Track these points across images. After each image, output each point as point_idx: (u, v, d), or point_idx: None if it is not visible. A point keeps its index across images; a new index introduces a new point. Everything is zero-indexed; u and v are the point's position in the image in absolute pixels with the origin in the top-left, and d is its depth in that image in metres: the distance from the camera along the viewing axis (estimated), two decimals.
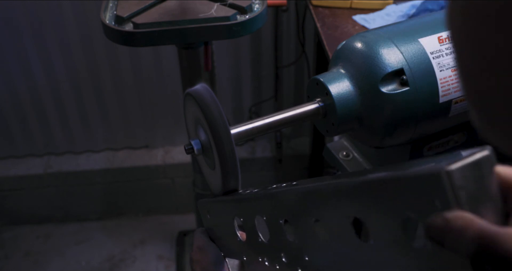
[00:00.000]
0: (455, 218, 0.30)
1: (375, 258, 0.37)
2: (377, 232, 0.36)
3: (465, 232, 0.30)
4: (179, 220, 2.13)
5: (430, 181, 0.30)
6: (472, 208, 0.30)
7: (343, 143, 0.84)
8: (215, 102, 0.53)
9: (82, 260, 2.01)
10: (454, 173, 0.30)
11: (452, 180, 0.30)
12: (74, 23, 1.78)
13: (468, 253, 0.30)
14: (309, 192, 0.43)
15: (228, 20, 1.13)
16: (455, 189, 0.30)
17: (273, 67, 1.91)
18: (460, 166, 0.30)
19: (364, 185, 0.36)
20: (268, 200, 0.50)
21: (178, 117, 1.99)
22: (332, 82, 0.63)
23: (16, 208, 2.14)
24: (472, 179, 0.31)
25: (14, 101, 1.94)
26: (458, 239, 0.30)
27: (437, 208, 0.30)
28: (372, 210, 0.36)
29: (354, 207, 0.37)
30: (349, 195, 0.38)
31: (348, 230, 0.38)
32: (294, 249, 0.46)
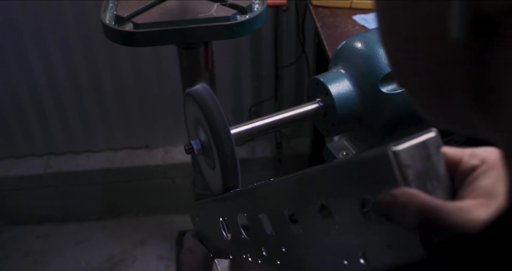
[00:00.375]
0: (401, 193, 0.32)
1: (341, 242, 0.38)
2: (340, 216, 0.38)
3: (410, 206, 0.31)
4: (179, 220, 2.13)
5: (380, 162, 0.33)
6: (419, 185, 0.32)
7: (343, 143, 0.84)
8: (215, 102, 0.53)
9: (82, 260, 2.01)
10: (401, 152, 0.32)
11: (399, 159, 0.32)
12: (74, 23, 1.78)
13: (413, 226, 0.32)
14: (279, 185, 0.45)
15: (228, 20, 1.13)
16: (402, 168, 0.32)
17: (273, 67, 1.91)
18: (406, 146, 0.33)
19: (325, 172, 0.39)
20: (246, 197, 0.51)
21: (178, 117, 1.99)
22: (332, 82, 0.63)
23: (16, 208, 2.14)
24: (418, 158, 0.33)
25: (14, 101, 1.94)
26: (404, 212, 0.32)
27: (388, 186, 0.32)
28: (333, 195, 0.38)
29: (319, 194, 0.39)
30: (313, 183, 0.40)
31: (316, 217, 0.40)
32: (273, 242, 0.48)
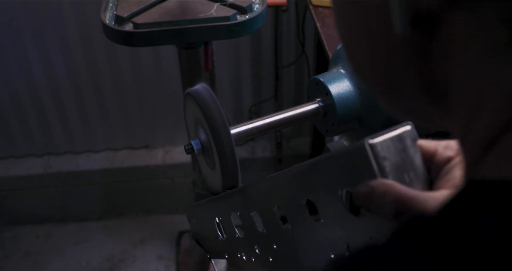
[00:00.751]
0: (377, 184, 0.33)
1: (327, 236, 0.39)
2: (324, 210, 0.39)
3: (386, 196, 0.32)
4: (179, 220, 2.13)
5: (357, 155, 0.34)
6: (396, 177, 0.33)
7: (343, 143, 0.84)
8: (215, 102, 0.53)
9: (82, 260, 2.01)
10: (377, 145, 0.33)
11: (375, 151, 0.33)
12: (74, 23, 1.78)
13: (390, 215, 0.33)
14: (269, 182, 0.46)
15: (228, 20, 1.13)
16: (379, 159, 0.33)
17: (273, 67, 1.91)
18: (382, 139, 0.34)
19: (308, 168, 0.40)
20: (239, 196, 0.52)
21: (178, 117, 1.99)
22: (332, 82, 0.63)
23: (16, 208, 2.14)
24: (394, 150, 0.34)
25: (14, 101, 1.94)
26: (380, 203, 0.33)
27: (365, 178, 0.33)
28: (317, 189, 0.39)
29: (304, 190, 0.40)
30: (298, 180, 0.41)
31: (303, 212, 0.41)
32: (264, 239, 0.48)
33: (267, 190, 0.47)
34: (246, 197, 0.50)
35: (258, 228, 0.49)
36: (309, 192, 0.40)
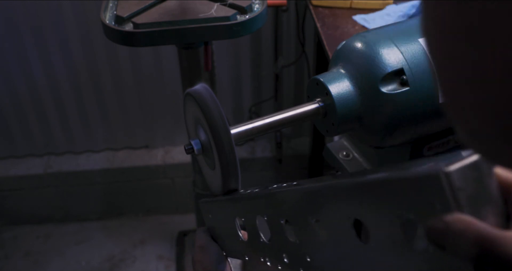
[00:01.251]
0: (454, 221, 0.29)
1: (375, 259, 0.36)
2: (377, 234, 0.35)
3: (465, 235, 0.29)
4: (179, 220, 2.13)
5: (429, 182, 0.30)
6: (472, 210, 0.30)
7: (343, 143, 0.84)
8: (215, 102, 0.53)
9: (82, 260, 2.01)
10: (453, 174, 0.29)
11: (451, 181, 0.29)
12: (74, 23, 1.78)
13: (468, 256, 0.29)
14: (309, 192, 0.43)
15: (228, 20, 1.13)
16: (454, 191, 0.29)
17: (273, 67, 1.91)
18: (459, 167, 0.30)
19: (363, 185, 0.36)
20: (269, 199, 0.49)
21: (178, 117, 1.99)
22: (332, 82, 0.63)
23: (16, 208, 2.14)
24: (471, 180, 0.30)
25: (14, 101, 1.94)
26: (458, 242, 0.30)
27: (437, 209, 0.30)
28: (371, 211, 0.35)
29: (354, 208, 0.37)
30: (348, 196, 0.38)
31: (349, 231, 0.38)
32: (296, 249, 0.46)
33: (305, 200, 0.43)
34: (277, 202, 0.47)
35: (289, 237, 0.46)
36: (360, 211, 0.36)
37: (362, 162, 0.80)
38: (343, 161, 0.81)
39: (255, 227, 0.51)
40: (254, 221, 0.51)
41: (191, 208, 2.00)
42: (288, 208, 0.46)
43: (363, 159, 0.81)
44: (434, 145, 0.72)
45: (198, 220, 1.81)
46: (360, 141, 0.71)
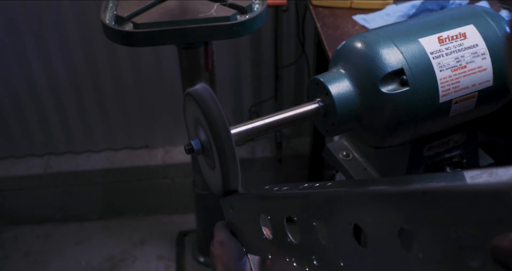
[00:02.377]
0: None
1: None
2: (426, 245, 0.34)
3: None
4: (179, 220, 2.13)
5: (496, 198, 0.29)
6: None
7: (343, 143, 0.84)
8: (215, 102, 0.53)
9: (82, 260, 2.01)
10: None
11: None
12: (74, 23, 1.78)
13: None
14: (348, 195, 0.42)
15: (228, 20, 1.13)
16: None
17: (273, 67, 1.91)
18: None
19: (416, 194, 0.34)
20: (301, 199, 0.48)
21: (178, 117, 1.99)
22: (332, 82, 0.63)
23: (16, 208, 2.14)
24: None
25: (14, 101, 1.94)
26: None
27: (500, 227, 0.29)
28: (422, 221, 0.34)
29: (401, 216, 0.36)
30: (396, 203, 0.36)
31: (392, 240, 0.37)
32: (328, 252, 0.44)
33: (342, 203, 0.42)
34: (312, 203, 0.46)
35: (321, 240, 0.45)
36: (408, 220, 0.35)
37: (362, 162, 0.81)
38: (343, 161, 0.81)
39: (282, 226, 0.50)
40: (282, 220, 0.50)
41: (191, 208, 2.00)
42: (323, 210, 0.45)
43: (363, 159, 0.81)
44: (434, 145, 0.72)
45: (198, 220, 1.81)
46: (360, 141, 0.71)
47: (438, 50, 0.63)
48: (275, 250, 0.52)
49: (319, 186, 0.46)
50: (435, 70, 0.63)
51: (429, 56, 0.63)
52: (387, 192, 0.37)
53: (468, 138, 0.74)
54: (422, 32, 0.64)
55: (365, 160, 0.80)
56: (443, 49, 0.64)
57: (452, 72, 0.63)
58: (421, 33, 0.64)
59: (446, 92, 0.63)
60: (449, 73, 0.63)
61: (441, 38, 0.64)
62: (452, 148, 0.73)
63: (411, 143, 0.70)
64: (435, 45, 0.64)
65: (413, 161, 0.71)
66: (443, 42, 0.64)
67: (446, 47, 0.64)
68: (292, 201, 0.49)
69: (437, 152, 0.73)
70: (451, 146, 0.73)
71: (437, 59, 0.63)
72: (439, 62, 0.63)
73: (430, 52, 0.63)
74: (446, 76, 0.63)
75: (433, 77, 0.63)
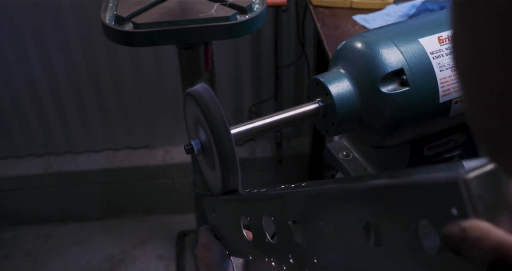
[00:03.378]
0: (472, 227, 0.30)
1: (386, 263, 0.36)
2: (390, 238, 0.36)
3: (482, 242, 0.29)
4: (179, 220, 2.13)
5: (447, 189, 0.30)
6: (489, 217, 0.30)
7: (343, 143, 0.84)
8: (215, 102, 0.53)
9: (82, 260, 2.01)
10: (472, 181, 0.30)
11: (470, 189, 0.29)
12: (74, 23, 1.78)
13: (484, 264, 0.30)
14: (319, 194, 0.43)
15: (228, 20, 1.13)
16: (473, 198, 0.29)
17: (273, 67, 1.91)
18: (478, 174, 0.30)
19: (378, 189, 0.36)
20: (277, 200, 0.49)
21: (178, 117, 1.99)
22: (332, 82, 0.63)
23: (16, 208, 2.14)
24: (490, 188, 0.30)
25: (14, 101, 1.94)
26: (475, 249, 0.30)
27: (454, 216, 0.30)
28: (385, 215, 0.36)
29: (366, 211, 0.37)
30: (361, 199, 0.38)
31: (360, 234, 0.38)
32: (303, 250, 0.46)
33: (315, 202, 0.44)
34: (286, 203, 0.47)
35: (296, 238, 0.46)
36: (372, 214, 0.37)
37: (362, 162, 0.81)
38: (343, 161, 0.81)
39: (261, 227, 0.51)
40: (260, 221, 0.51)
41: (191, 208, 2.00)
42: (297, 209, 0.46)
43: (363, 159, 0.81)
44: (434, 144, 0.72)
45: (198, 220, 1.81)
46: (360, 141, 0.71)
47: (438, 50, 0.63)
48: (255, 251, 0.53)
49: (294, 186, 0.47)
50: (435, 70, 0.63)
51: (429, 56, 0.63)
52: (353, 188, 0.39)
53: (468, 138, 0.74)
54: (422, 32, 0.64)
55: (365, 160, 0.80)
56: (443, 49, 0.64)
57: (452, 72, 0.63)
58: (421, 33, 0.64)
59: (446, 92, 0.63)
60: (449, 73, 0.63)
61: (441, 38, 0.64)
62: (452, 148, 0.73)
63: (411, 143, 0.70)
64: (435, 45, 0.64)
65: (413, 161, 0.71)
66: (443, 42, 0.64)
67: (446, 47, 0.64)
68: (268, 202, 0.51)
69: (437, 152, 0.73)
70: (451, 146, 0.73)
71: (437, 59, 0.63)
72: (439, 62, 0.63)
73: (430, 52, 0.63)
74: (446, 76, 0.63)
75: (433, 77, 0.63)
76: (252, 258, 0.54)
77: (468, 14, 0.23)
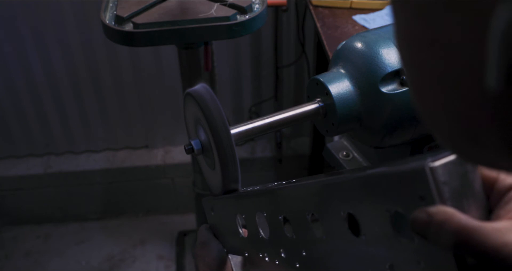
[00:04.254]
0: (437, 212, 0.31)
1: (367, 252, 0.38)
2: (368, 227, 0.37)
3: (446, 225, 0.31)
4: (179, 220, 2.13)
5: (415, 177, 0.32)
6: (455, 203, 0.32)
7: (343, 142, 0.84)
8: (215, 102, 0.53)
9: (82, 260, 2.01)
10: (438, 169, 0.31)
11: (436, 176, 0.31)
12: (74, 23, 1.78)
13: (448, 246, 0.31)
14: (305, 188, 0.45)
15: (228, 20, 1.13)
16: (438, 184, 0.31)
17: (273, 67, 1.91)
18: (443, 162, 0.32)
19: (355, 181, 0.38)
20: (268, 196, 0.51)
21: (178, 117, 1.99)
22: (332, 82, 0.63)
23: (16, 208, 2.14)
24: (455, 175, 0.32)
25: (14, 101, 1.94)
26: (439, 232, 0.31)
27: (423, 202, 0.32)
28: (362, 205, 0.37)
29: (346, 202, 0.39)
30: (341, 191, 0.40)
31: (342, 225, 0.40)
32: (292, 244, 0.47)
33: (302, 195, 0.45)
34: (276, 199, 0.49)
35: (286, 232, 0.47)
36: (352, 205, 0.38)
37: (362, 162, 0.81)
38: (343, 161, 0.81)
39: (254, 224, 0.52)
40: (254, 217, 0.52)
41: (191, 208, 2.00)
42: (286, 204, 0.47)
43: (363, 159, 0.81)
44: (434, 144, 0.72)
45: (198, 220, 1.81)
46: (360, 141, 0.71)
47: None
48: (250, 248, 0.55)
49: (285, 183, 0.49)
50: None
51: None
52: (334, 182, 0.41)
53: None
54: None
55: (365, 160, 0.80)
56: None
57: None
58: None
59: None
60: None
61: None
62: None
63: (411, 143, 0.70)
64: None
65: None
66: None
67: None
68: (261, 198, 0.52)
69: None
70: None
71: None
72: None
73: None
74: None
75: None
76: (247, 254, 0.56)
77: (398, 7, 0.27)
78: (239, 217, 0.55)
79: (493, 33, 0.21)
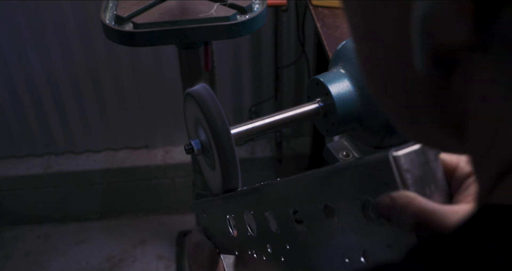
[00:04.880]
0: (399, 196, 0.34)
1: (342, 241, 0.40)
2: (343, 216, 0.40)
3: (408, 208, 0.33)
4: (179, 220, 2.13)
5: (380, 165, 0.35)
6: (417, 189, 0.34)
7: (343, 142, 0.83)
8: (215, 102, 0.53)
9: (82, 260, 2.01)
10: (401, 157, 0.34)
11: (398, 164, 0.34)
12: (74, 23, 1.78)
13: (410, 227, 0.34)
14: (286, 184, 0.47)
15: (228, 20, 1.13)
16: (401, 172, 0.34)
17: (273, 67, 1.91)
18: (406, 152, 0.35)
19: (329, 174, 0.41)
20: (254, 195, 0.52)
21: (178, 117, 1.99)
22: (332, 82, 0.63)
23: (16, 208, 2.14)
24: (417, 163, 0.35)
25: (14, 101, 1.94)
26: (402, 215, 0.34)
27: (387, 189, 0.34)
28: (337, 196, 0.40)
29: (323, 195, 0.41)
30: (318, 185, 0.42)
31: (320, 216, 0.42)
32: (277, 239, 0.48)
33: (283, 192, 0.47)
34: (261, 196, 0.51)
35: (271, 228, 0.49)
36: (328, 197, 0.41)
37: None
38: (343, 161, 0.81)
39: (243, 222, 0.53)
40: (242, 216, 0.53)
41: (191, 208, 2.00)
42: (270, 200, 0.49)
43: None
44: None
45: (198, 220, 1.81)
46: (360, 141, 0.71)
47: None
48: (239, 246, 0.56)
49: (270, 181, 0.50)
50: None
51: None
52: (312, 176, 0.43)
53: None
54: None
55: None
56: None
57: None
58: None
59: None
60: None
61: None
62: None
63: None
64: None
65: None
66: None
67: None
68: (247, 197, 0.53)
69: None
70: None
71: None
72: None
73: None
74: None
75: None
76: (238, 253, 0.57)
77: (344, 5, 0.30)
78: (229, 218, 0.56)
79: (414, 22, 0.24)
